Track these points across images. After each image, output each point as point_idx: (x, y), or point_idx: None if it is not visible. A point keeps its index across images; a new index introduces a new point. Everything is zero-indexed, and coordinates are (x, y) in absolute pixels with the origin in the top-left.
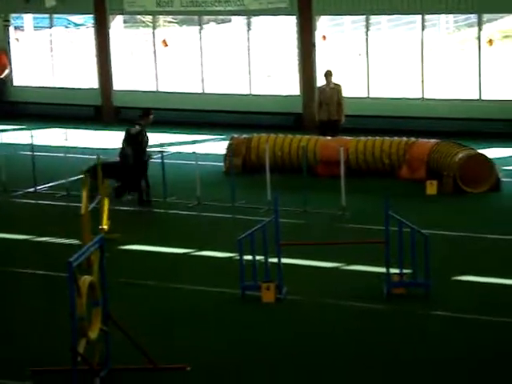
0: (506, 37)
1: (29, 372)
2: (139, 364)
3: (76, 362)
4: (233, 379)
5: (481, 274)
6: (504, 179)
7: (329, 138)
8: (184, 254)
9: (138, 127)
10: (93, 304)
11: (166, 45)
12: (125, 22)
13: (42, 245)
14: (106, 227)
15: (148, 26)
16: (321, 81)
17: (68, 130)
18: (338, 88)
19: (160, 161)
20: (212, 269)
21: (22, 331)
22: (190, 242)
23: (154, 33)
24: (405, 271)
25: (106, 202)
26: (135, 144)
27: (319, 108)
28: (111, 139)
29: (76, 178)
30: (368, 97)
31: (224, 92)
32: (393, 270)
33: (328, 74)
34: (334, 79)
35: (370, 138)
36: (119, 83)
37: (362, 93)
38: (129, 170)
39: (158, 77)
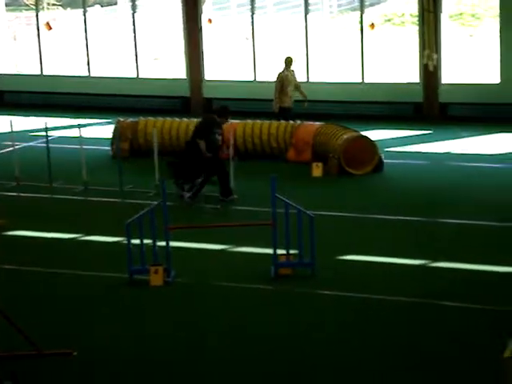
0: (388, 20)
1: None
2: (24, 350)
3: None
4: (117, 365)
5: (365, 253)
6: (386, 160)
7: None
8: (71, 239)
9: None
10: None
11: (50, 28)
12: (7, 4)
13: None
14: None
15: (31, 8)
16: (208, 64)
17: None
18: (294, 73)
19: (45, 145)
20: (100, 254)
21: None
22: (76, 227)
23: (37, 15)
24: (291, 252)
25: None
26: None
27: (281, 94)
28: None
29: None
30: (255, 80)
31: (111, 75)
32: (280, 251)
33: (290, 61)
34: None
35: (257, 121)
36: (2, 67)
37: (248, 76)
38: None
39: (42, 60)
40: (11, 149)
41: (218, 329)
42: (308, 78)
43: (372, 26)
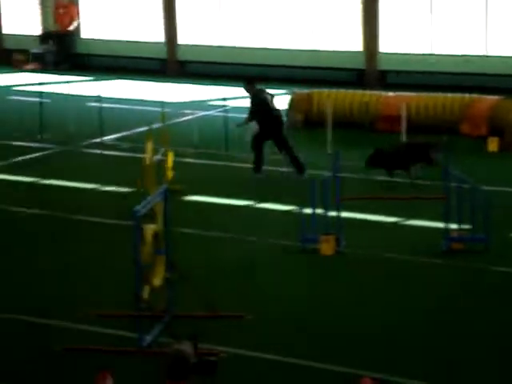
0: None
1: (94, 316)
2: (200, 311)
3: (139, 308)
4: (290, 330)
5: None
6: None
7: (390, 94)
8: (245, 206)
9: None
10: (157, 252)
11: None
12: None
13: (108, 194)
14: (170, 178)
15: None
16: (383, 36)
17: (134, 82)
18: None
19: (222, 114)
20: (273, 222)
21: (90, 278)
22: (251, 194)
23: None
24: (464, 227)
25: (170, 154)
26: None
27: None
28: (175, 92)
29: (141, 129)
30: (432, 53)
31: (286, 47)
32: (452, 226)
33: None
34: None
35: (431, 94)
36: (184, 37)
37: (425, 49)
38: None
39: (223, 31)
40: (191, 117)
41: (383, 299)
42: (486, 51)
43: None
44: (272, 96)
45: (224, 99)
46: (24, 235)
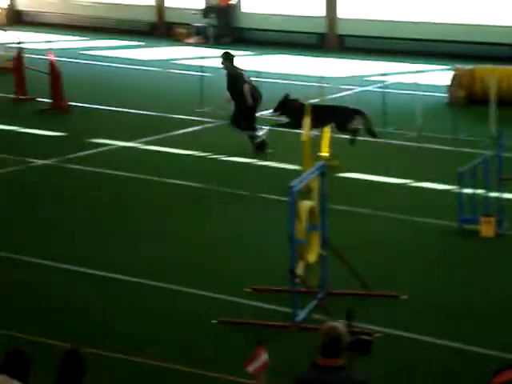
0: None
1: (250, 289)
2: (354, 289)
3: (294, 284)
4: (444, 312)
5: None
6: None
7: None
8: (402, 184)
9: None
10: (311, 229)
11: None
12: None
13: (265, 169)
14: (326, 154)
15: None
16: None
17: (292, 56)
18: None
19: (380, 90)
20: (430, 201)
21: (244, 253)
22: (408, 172)
23: None
24: None
25: (327, 130)
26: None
27: None
28: (333, 67)
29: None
30: None
31: (449, 21)
32: None
33: None
34: None
35: None
36: (344, 11)
37: None
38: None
39: (383, 5)
40: (349, 92)
41: None
42: None
43: None
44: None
45: (383, 74)
46: (199, 207)
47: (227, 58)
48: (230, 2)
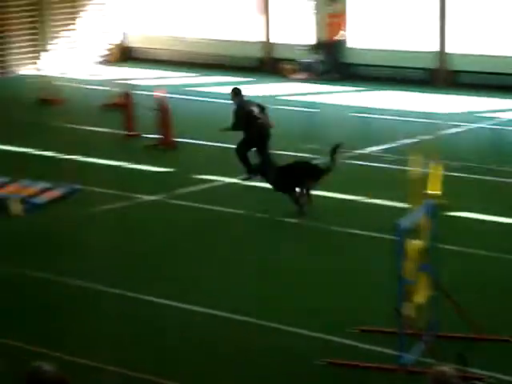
0: None
1: (357, 330)
2: (464, 332)
3: (402, 325)
4: None
5: None
6: None
7: None
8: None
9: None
10: (421, 269)
11: None
12: None
13: (371, 206)
14: (437, 192)
15: None
16: None
17: (401, 92)
18: None
19: (495, 127)
20: None
21: (344, 291)
22: None
23: None
24: None
25: (439, 168)
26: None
27: None
28: (443, 104)
29: (407, 141)
30: None
31: None
32: None
33: None
34: None
35: None
36: (454, 46)
37: None
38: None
39: (494, 40)
40: (460, 130)
41: None
42: None
43: None
44: (263, 108)
45: (495, 111)
46: (274, 240)
47: (237, 94)
48: (337, 38)
